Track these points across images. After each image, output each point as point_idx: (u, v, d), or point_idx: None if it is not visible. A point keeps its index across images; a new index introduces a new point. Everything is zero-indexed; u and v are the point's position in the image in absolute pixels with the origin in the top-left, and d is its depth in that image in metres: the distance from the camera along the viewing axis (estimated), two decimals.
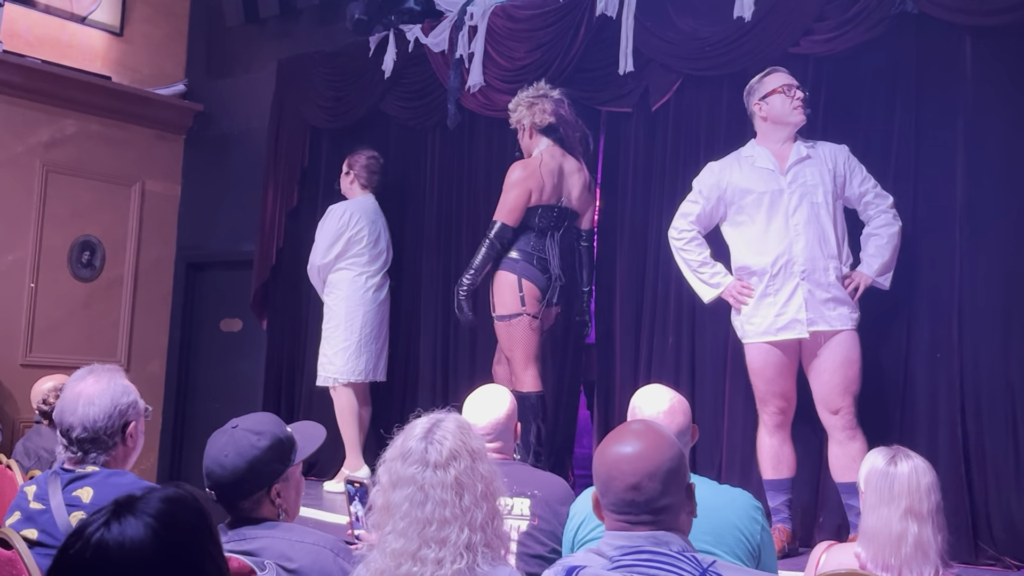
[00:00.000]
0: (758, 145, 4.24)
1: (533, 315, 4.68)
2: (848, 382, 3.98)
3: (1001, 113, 4.16)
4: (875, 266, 4.07)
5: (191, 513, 1.38)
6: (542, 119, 4.85)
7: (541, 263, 4.75)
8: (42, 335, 6.92)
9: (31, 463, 4.52)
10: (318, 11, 6.82)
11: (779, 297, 4.05)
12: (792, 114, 4.15)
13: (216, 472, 2.25)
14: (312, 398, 6.14)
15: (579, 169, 4.92)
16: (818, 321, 3.99)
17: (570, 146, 4.91)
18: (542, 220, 4.79)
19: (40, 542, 2.45)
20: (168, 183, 7.70)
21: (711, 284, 4.24)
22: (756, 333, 4.12)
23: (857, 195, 4.14)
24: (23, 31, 6.96)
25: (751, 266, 4.14)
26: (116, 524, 1.31)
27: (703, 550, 2.37)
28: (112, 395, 2.59)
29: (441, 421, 2.05)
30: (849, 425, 3.97)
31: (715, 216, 4.28)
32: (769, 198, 4.10)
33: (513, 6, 5.47)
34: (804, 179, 4.09)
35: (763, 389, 4.16)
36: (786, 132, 4.18)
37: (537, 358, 4.75)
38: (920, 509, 2.48)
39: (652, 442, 1.93)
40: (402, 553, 1.91)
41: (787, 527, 4.13)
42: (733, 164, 4.26)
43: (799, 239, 4.03)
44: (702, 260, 4.27)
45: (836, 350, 3.99)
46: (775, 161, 4.15)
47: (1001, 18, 4.05)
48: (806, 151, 4.14)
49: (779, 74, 4.22)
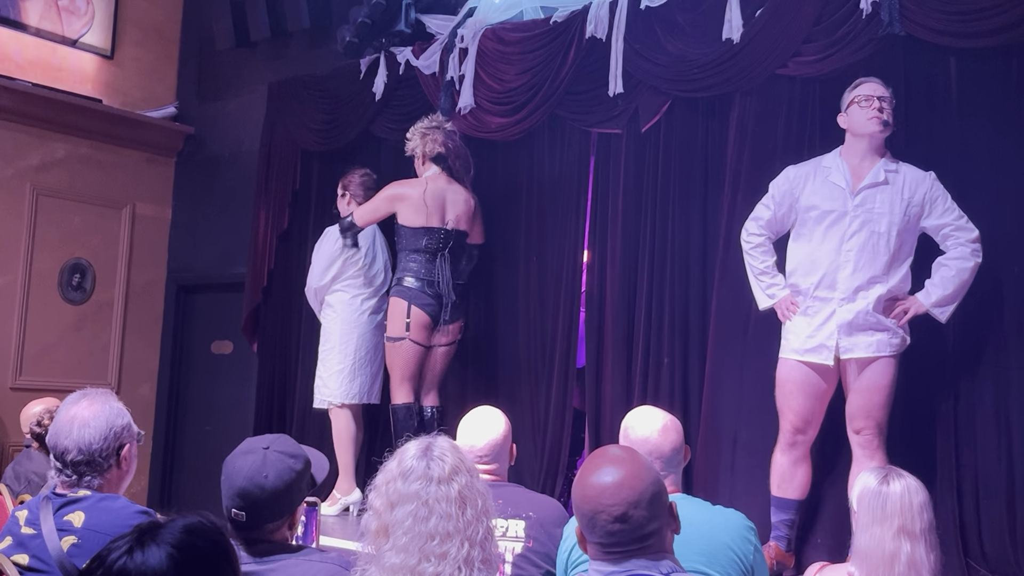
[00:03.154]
0: (839, 157, 4.16)
1: (415, 341, 5.08)
2: (872, 407, 3.96)
3: (987, 134, 4.20)
4: (933, 296, 3.97)
5: (212, 545, 1.40)
6: (432, 149, 5.24)
7: (431, 287, 5.09)
8: (32, 358, 6.89)
9: (21, 487, 4.50)
10: (309, 34, 6.84)
11: (815, 319, 4.04)
12: (867, 124, 4.04)
13: (255, 494, 2.23)
14: (304, 421, 6.12)
15: (464, 195, 5.27)
16: (853, 348, 3.97)
17: (456, 175, 5.27)
18: (430, 242, 5.13)
19: (31, 567, 2.44)
20: (159, 206, 7.69)
21: (767, 294, 4.23)
22: (788, 349, 4.13)
23: (936, 226, 4.02)
24: (14, 54, 6.96)
25: (798, 284, 4.13)
26: (139, 552, 1.34)
27: (696, 570, 2.38)
28: (107, 418, 2.59)
29: (435, 441, 2.07)
30: (869, 445, 3.95)
31: (786, 222, 4.25)
32: (832, 218, 4.05)
33: (503, 28, 5.50)
34: (872, 205, 4.00)
35: (781, 403, 4.15)
36: (865, 145, 4.07)
37: (413, 376, 5.15)
38: (913, 528, 2.49)
39: (631, 469, 1.91)
40: (401, 568, 1.92)
41: (781, 545, 4.13)
42: (809, 173, 4.19)
43: (847, 265, 4.00)
44: (764, 268, 4.26)
45: (867, 375, 3.97)
46: (850, 179, 4.07)
47: (987, 40, 4.10)
48: (884, 175, 4.03)
49: (865, 84, 4.10)
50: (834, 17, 4.37)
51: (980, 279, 4.08)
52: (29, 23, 7.07)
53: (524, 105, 5.30)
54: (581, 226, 5.29)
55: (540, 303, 5.40)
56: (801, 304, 4.11)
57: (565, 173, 5.37)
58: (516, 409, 5.21)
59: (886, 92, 4.08)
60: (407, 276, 5.11)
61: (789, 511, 4.15)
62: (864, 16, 4.24)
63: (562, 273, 5.31)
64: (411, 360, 5.11)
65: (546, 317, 5.35)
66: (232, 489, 2.25)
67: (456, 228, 5.19)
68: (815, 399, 4.09)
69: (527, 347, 5.42)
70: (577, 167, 5.33)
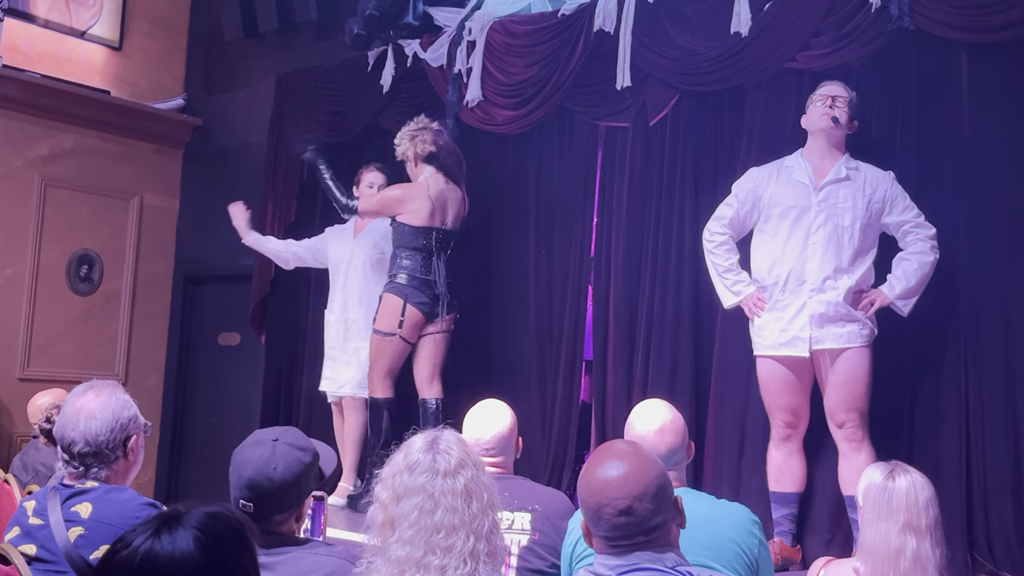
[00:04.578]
0: (801, 157, 4.24)
1: (404, 338, 5.08)
2: (852, 398, 3.99)
3: (999, 129, 4.18)
4: (897, 288, 4.03)
5: (234, 531, 1.42)
6: (423, 149, 5.20)
7: (426, 285, 5.09)
8: (40, 349, 6.91)
9: (29, 478, 4.51)
10: (317, 26, 6.84)
11: (786, 313, 4.08)
12: (818, 120, 4.14)
13: (264, 485, 2.24)
14: (311, 413, 6.13)
15: (459, 194, 5.26)
16: (825, 339, 4.01)
17: (451, 173, 5.24)
18: (429, 242, 5.12)
19: (39, 558, 2.45)
20: (166, 197, 7.70)
21: (732, 291, 4.26)
22: (763, 347, 4.17)
23: (896, 223, 4.09)
24: (23, 45, 6.97)
25: (764, 279, 4.17)
26: (167, 534, 1.35)
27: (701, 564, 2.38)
28: (113, 409, 2.60)
29: (441, 435, 2.08)
30: (854, 438, 3.98)
31: (749, 221, 4.30)
32: (796, 213, 4.11)
33: (511, 21, 5.50)
34: (835, 200, 4.07)
35: (768, 401, 4.20)
36: (823, 143, 4.16)
37: (396, 372, 5.16)
38: (918, 524, 2.49)
39: (636, 463, 1.92)
40: (406, 561, 1.93)
41: (785, 541, 4.14)
42: (772, 172, 4.26)
43: (814, 258, 4.04)
44: (728, 266, 4.29)
45: (842, 367, 4.01)
46: (812, 176, 4.14)
47: (999, 35, 4.07)
48: (846, 172, 4.11)
49: (825, 85, 4.20)
50: (843, 10, 4.36)
51: (991, 271, 4.10)
52: (38, 14, 7.08)
53: (532, 98, 5.29)
54: (588, 219, 5.29)
55: (547, 296, 5.39)
56: (769, 300, 4.14)
57: (573, 166, 5.37)
58: (523, 403, 5.21)
59: (845, 93, 4.16)
60: (401, 273, 5.10)
61: (790, 504, 4.17)
62: (873, 10, 4.22)
63: (569, 266, 5.30)
64: (399, 357, 5.13)
65: (553, 310, 5.35)
66: (241, 480, 2.26)
67: (454, 228, 5.22)
68: (799, 394, 4.14)
69: (534, 340, 5.41)
70: (585, 160, 5.33)
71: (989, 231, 4.17)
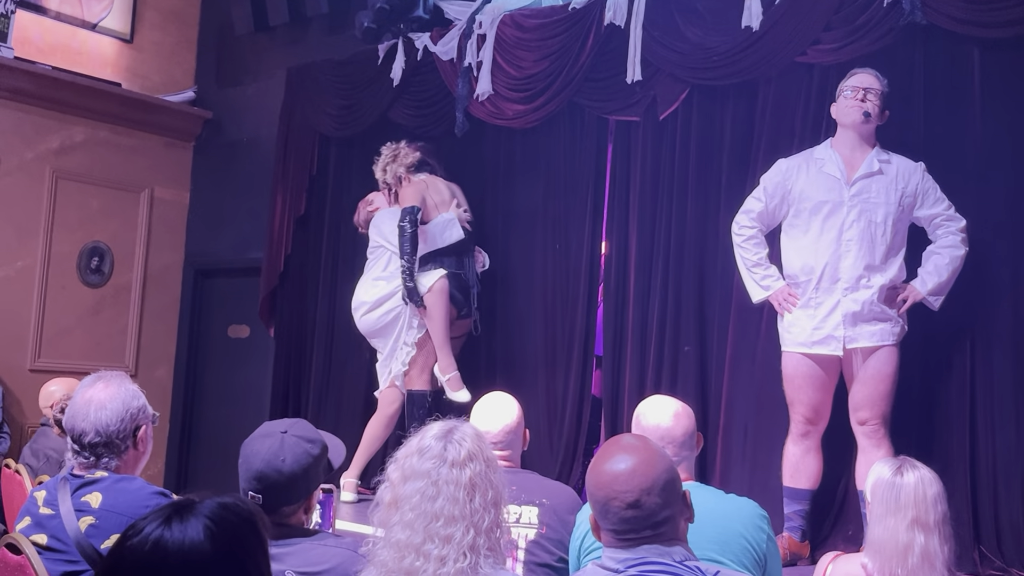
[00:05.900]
0: (831, 148, 4.17)
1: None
2: (877, 396, 3.97)
3: (1011, 125, 4.16)
4: (929, 284, 4.01)
5: (245, 522, 1.42)
6: (411, 160, 5.32)
7: (458, 280, 5.18)
8: (50, 341, 6.94)
9: (39, 464, 4.54)
10: (327, 19, 6.85)
11: (819, 311, 4.05)
12: (849, 114, 4.07)
13: (272, 477, 2.25)
14: (320, 405, 6.15)
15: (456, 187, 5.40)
16: (858, 338, 3.99)
17: (440, 172, 5.39)
18: (461, 241, 5.22)
19: (49, 547, 2.46)
20: (177, 190, 7.72)
21: (762, 286, 4.23)
22: (793, 343, 4.12)
23: (928, 216, 4.06)
24: (34, 38, 7.00)
25: (797, 275, 4.13)
26: (177, 523, 1.35)
27: (709, 558, 2.38)
28: (123, 399, 2.61)
29: (459, 426, 2.09)
30: (875, 435, 3.97)
31: (778, 215, 4.25)
32: (828, 208, 4.06)
33: (522, 15, 5.49)
34: (868, 195, 4.02)
35: (791, 396, 4.17)
36: (853, 135, 4.10)
37: (430, 365, 5.20)
38: (927, 519, 2.48)
39: (644, 456, 1.92)
40: (406, 545, 1.94)
41: (795, 536, 4.13)
42: (801, 165, 4.19)
43: (848, 255, 4.00)
44: (757, 260, 4.25)
45: (873, 364, 3.99)
46: (844, 169, 4.07)
47: (1011, 30, 4.05)
48: (879, 165, 4.05)
49: (856, 75, 4.12)
50: (855, 5, 4.34)
51: (1004, 266, 4.08)
52: (50, 7, 7.10)
53: (542, 92, 5.29)
54: (599, 213, 5.29)
55: (558, 291, 5.40)
56: (802, 298, 4.10)
57: (583, 160, 5.36)
58: (534, 397, 5.23)
59: (877, 84, 4.08)
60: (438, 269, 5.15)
61: (802, 501, 4.16)
62: (885, 4, 4.20)
63: (580, 260, 5.30)
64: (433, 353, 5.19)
65: (565, 305, 5.35)
66: (250, 472, 2.27)
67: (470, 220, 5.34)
68: (824, 391, 4.11)
69: (546, 335, 5.41)
70: (595, 155, 5.33)
71: (1000, 225, 4.15)
